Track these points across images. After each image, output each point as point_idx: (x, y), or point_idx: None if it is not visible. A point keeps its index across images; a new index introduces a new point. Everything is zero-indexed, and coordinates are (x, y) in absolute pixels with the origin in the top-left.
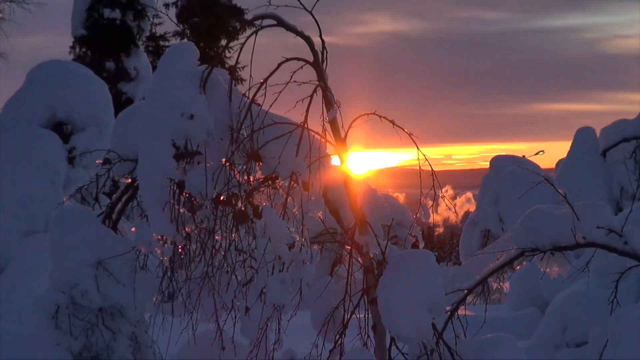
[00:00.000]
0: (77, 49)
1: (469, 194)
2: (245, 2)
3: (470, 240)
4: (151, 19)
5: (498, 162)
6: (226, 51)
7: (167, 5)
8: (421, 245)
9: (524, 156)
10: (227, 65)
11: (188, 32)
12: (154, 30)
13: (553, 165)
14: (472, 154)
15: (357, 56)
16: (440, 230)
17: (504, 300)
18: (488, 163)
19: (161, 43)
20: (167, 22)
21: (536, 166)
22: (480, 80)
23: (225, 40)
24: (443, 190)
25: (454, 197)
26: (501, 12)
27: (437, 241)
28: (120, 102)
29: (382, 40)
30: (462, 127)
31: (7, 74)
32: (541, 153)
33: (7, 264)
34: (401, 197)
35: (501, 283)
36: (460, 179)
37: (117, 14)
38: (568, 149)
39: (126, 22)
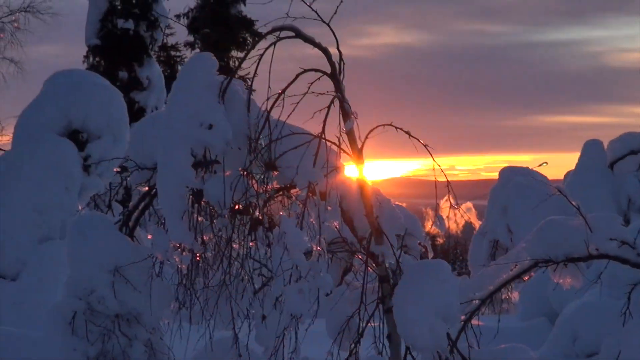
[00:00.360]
0: (91, 59)
1: (469, 204)
2: (255, 14)
3: (479, 250)
4: (164, 30)
5: (506, 173)
6: (237, 61)
7: (178, 16)
8: (430, 254)
9: (527, 168)
10: (237, 76)
11: (199, 42)
12: (165, 41)
13: (558, 177)
14: (476, 165)
15: (362, 67)
16: (441, 240)
17: (512, 310)
18: (492, 174)
19: (172, 53)
20: (178, 33)
21: (544, 177)
22: (484, 92)
23: (236, 51)
24: (444, 199)
25: (454, 207)
26: (505, 25)
27: (441, 251)
28: (133, 112)
29: (387, 52)
30: (465, 138)
31: (22, 82)
32: (545, 164)
33: (22, 269)
34: None
35: (509, 293)
36: (462, 189)
37: (130, 24)
38: (571, 160)
39: (139, 32)
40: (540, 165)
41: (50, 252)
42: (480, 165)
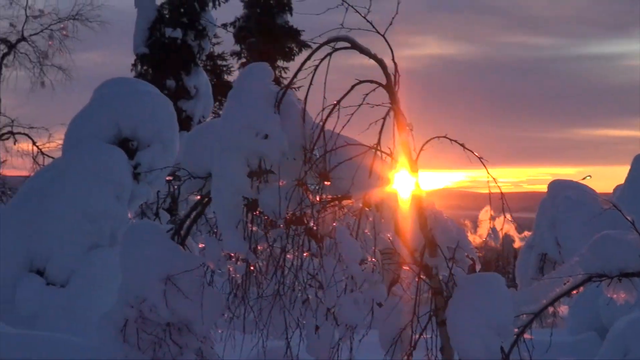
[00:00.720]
0: (139, 67)
1: (508, 216)
2: (302, 24)
3: (527, 263)
4: (211, 39)
5: (556, 186)
6: (282, 71)
7: (225, 25)
8: (478, 267)
9: (576, 181)
10: (281, 86)
11: (245, 52)
12: (212, 50)
13: (602, 190)
14: (518, 177)
15: (405, 78)
16: (481, 254)
17: (560, 324)
18: (534, 187)
19: (219, 62)
20: (225, 42)
21: (593, 191)
22: (527, 105)
23: (282, 61)
24: (483, 211)
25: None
26: (547, 37)
27: (483, 263)
28: (180, 120)
29: (430, 64)
30: (507, 150)
31: (69, 89)
32: (588, 177)
33: (72, 277)
34: None
35: (558, 307)
36: (498, 201)
37: (178, 33)
38: (615, 173)
39: (187, 41)
40: (584, 178)
41: (99, 259)
42: (523, 177)
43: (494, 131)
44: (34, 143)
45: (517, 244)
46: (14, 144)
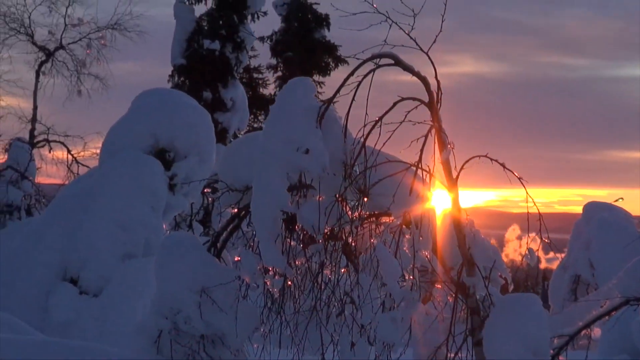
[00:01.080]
0: (176, 78)
1: (533, 235)
2: (339, 39)
3: (560, 284)
4: (249, 51)
5: (591, 208)
6: (319, 86)
7: (262, 39)
8: (511, 287)
9: (611, 203)
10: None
11: (281, 65)
12: (248, 63)
13: (636, 213)
14: (549, 198)
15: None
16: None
17: (592, 347)
18: (566, 207)
19: (255, 75)
20: (261, 55)
21: (628, 214)
22: (560, 125)
23: (318, 76)
24: (510, 230)
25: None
26: (582, 58)
27: (514, 282)
28: (216, 133)
29: (465, 82)
30: (539, 171)
31: (106, 98)
32: (620, 200)
33: (105, 286)
34: None
35: (591, 329)
36: (536, 222)
37: (216, 45)
38: None
39: (225, 53)
40: (616, 200)
41: (132, 269)
42: (555, 198)
43: (526, 151)
44: (69, 151)
45: (544, 264)
46: (49, 151)
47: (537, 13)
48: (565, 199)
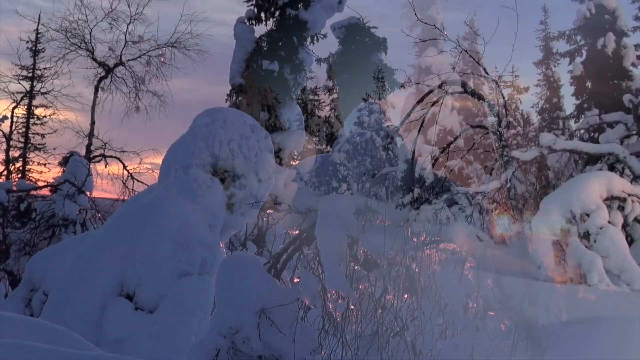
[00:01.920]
0: (234, 97)
1: None
2: (396, 63)
3: None
4: (307, 73)
5: None
6: (391, 107)
7: (319, 61)
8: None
9: None
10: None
11: (337, 88)
12: (305, 84)
13: None
14: None
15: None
16: None
17: None
18: None
19: (311, 97)
20: (317, 77)
21: None
22: None
23: (373, 99)
24: None
25: None
26: None
27: None
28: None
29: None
30: None
31: (163, 115)
32: None
33: (161, 303)
34: None
35: None
36: None
37: (275, 66)
38: None
39: (283, 74)
40: None
41: (188, 287)
42: None
43: None
44: (124, 167)
45: None
46: (105, 166)
47: None
48: None
